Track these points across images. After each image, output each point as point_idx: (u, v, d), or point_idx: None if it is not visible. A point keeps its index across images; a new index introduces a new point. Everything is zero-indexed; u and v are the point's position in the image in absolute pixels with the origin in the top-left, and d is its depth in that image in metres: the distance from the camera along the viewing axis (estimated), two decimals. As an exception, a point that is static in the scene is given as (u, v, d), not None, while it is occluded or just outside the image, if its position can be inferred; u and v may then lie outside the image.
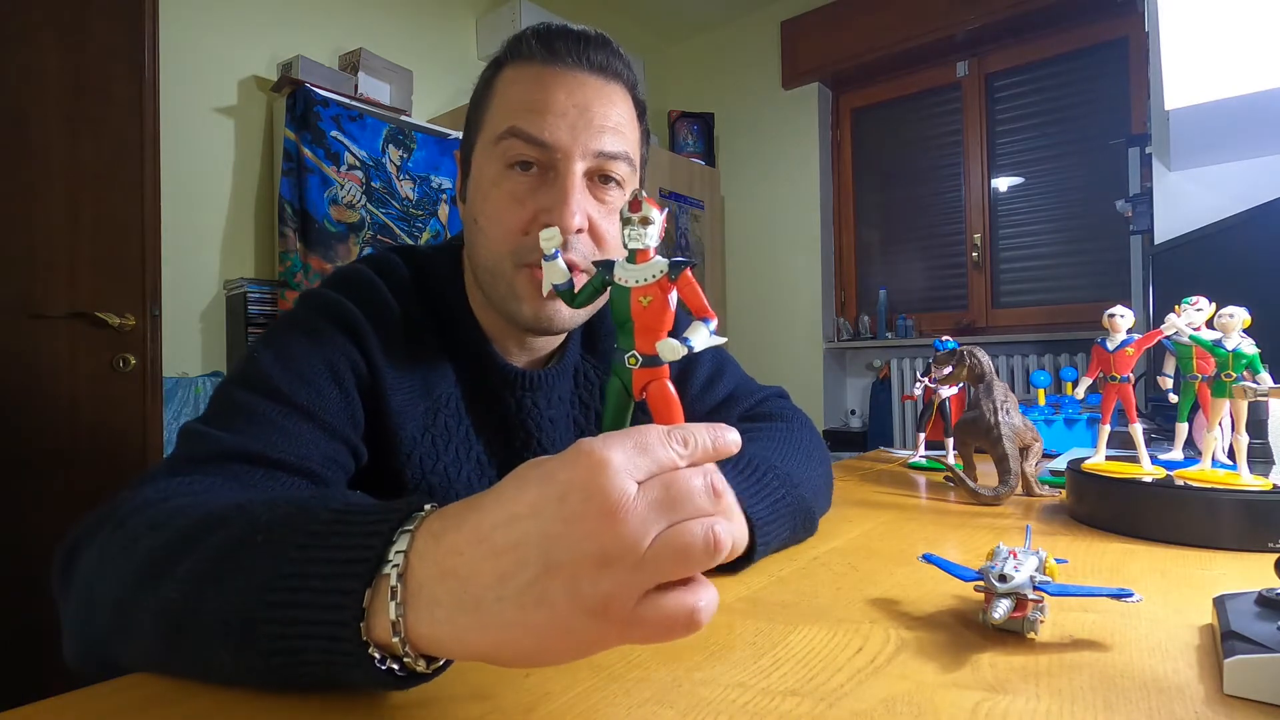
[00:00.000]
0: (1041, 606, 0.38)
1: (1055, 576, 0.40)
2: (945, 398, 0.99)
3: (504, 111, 0.59)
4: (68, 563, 0.44)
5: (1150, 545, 0.58)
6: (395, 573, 0.28)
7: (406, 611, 0.28)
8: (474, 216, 0.61)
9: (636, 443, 0.28)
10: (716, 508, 0.28)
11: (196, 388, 2.11)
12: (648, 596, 0.27)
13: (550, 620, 0.27)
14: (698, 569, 0.27)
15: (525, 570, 0.27)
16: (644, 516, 0.26)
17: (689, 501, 0.27)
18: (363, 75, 2.44)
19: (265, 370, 0.55)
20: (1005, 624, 0.38)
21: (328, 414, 0.56)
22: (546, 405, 0.68)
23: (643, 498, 0.27)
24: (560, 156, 0.57)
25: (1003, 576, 0.38)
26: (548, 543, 0.27)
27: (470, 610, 0.27)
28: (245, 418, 0.53)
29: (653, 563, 0.26)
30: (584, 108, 0.58)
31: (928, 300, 3.33)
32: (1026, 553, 0.40)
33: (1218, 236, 1.34)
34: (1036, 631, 0.38)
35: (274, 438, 0.52)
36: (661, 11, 3.65)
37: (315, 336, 0.58)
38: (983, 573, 0.39)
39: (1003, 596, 0.37)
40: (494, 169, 0.59)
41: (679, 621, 0.27)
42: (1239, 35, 1.20)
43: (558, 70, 0.59)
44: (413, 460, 0.61)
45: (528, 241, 0.58)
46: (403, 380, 0.61)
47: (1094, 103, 2.89)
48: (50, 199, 1.43)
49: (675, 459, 0.28)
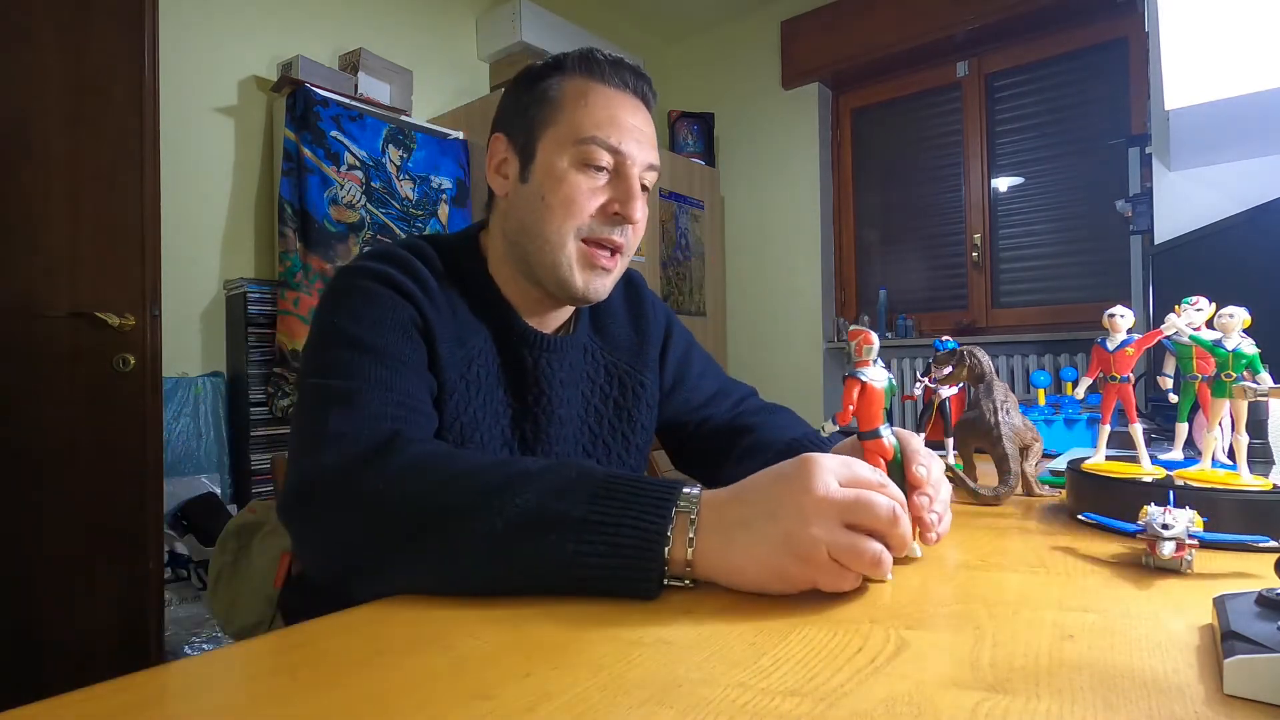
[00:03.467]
0: (1192, 550, 0.49)
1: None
2: (945, 398, 0.99)
3: (586, 121, 0.70)
4: (329, 492, 0.52)
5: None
6: (694, 509, 0.46)
7: (697, 534, 0.46)
8: (542, 195, 0.71)
9: (845, 461, 0.47)
10: (891, 529, 0.44)
11: (196, 388, 2.11)
12: (833, 561, 0.43)
13: (768, 554, 0.44)
14: (864, 569, 0.44)
15: (758, 517, 0.45)
16: (838, 503, 0.44)
17: (871, 511, 0.44)
18: (363, 75, 2.44)
19: (351, 332, 0.63)
20: (1167, 563, 0.49)
21: (414, 363, 0.65)
22: (560, 367, 0.78)
23: (839, 491, 0.44)
24: (629, 164, 0.71)
25: (1165, 525, 0.49)
26: (774, 503, 0.45)
27: (723, 534, 0.45)
28: (361, 375, 0.60)
29: (838, 540, 0.43)
30: (641, 129, 0.73)
31: (928, 300, 3.33)
32: (1178, 510, 0.50)
33: (1218, 236, 1.34)
34: (1191, 568, 0.49)
35: (395, 389, 0.61)
36: (661, 11, 3.65)
37: (374, 298, 0.66)
38: (1146, 525, 0.50)
39: (1166, 541, 0.48)
40: (572, 163, 0.70)
41: (848, 581, 0.44)
42: (1239, 35, 1.20)
43: (624, 95, 0.73)
44: (451, 401, 0.69)
45: (593, 221, 0.71)
46: (446, 333, 0.69)
47: (1094, 103, 2.89)
48: (50, 199, 1.43)
49: (873, 480, 0.46)
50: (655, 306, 0.92)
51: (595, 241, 0.72)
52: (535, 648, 0.38)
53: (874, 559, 0.43)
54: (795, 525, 0.43)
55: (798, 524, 0.43)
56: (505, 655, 0.37)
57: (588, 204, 0.70)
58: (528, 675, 0.34)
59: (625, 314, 0.88)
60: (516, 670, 0.35)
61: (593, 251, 0.72)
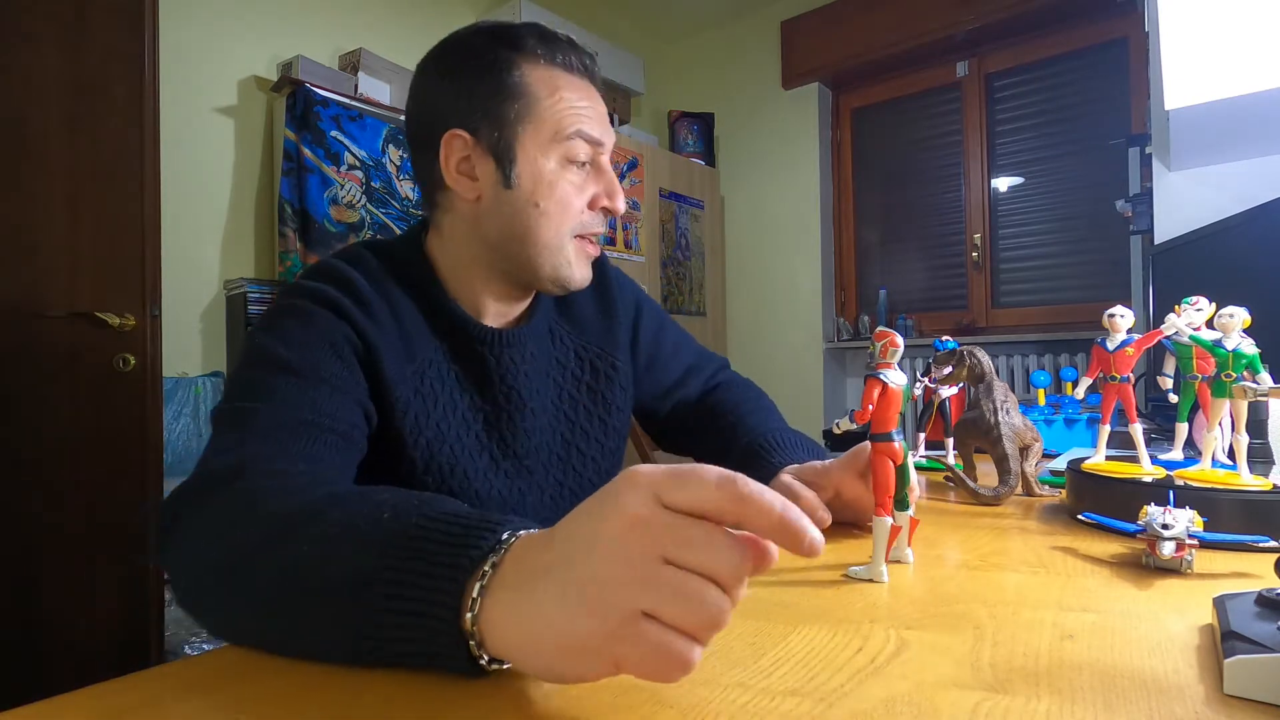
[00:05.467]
0: (1192, 550, 0.49)
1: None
2: (945, 398, 0.99)
3: (567, 116, 0.68)
4: (172, 525, 0.48)
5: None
6: (492, 563, 0.33)
7: (485, 592, 0.32)
8: (535, 201, 0.69)
9: (677, 471, 0.30)
10: (732, 573, 0.29)
11: (196, 388, 2.11)
12: (650, 620, 0.28)
13: (561, 616, 0.29)
14: (693, 626, 0.28)
15: (558, 562, 0.31)
16: (652, 530, 0.29)
17: (702, 544, 0.29)
18: (363, 75, 2.44)
19: (273, 352, 0.60)
20: (1167, 562, 0.49)
21: (339, 382, 0.61)
22: (522, 359, 0.75)
23: (659, 515, 0.29)
24: (604, 152, 0.71)
25: (1165, 525, 0.49)
26: (575, 540, 0.31)
27: (517, 589, 0.31)
28: (268, 392, 0.57)
29: (651, 587, 0.28)
30: (604, 112, 0.72)
31: (928, 300, 3.33)
32: (1178, 510, 0.50)
33: (1218, 236, 1.34)
34: (1191, 568, 0.49)
35: (302, 406, 0.57)
36: (661, 11, 3.65)
37: (308, 318, 0.63)
38: (1146, 525, 0.50)
39: (1166, 541, 0.48)
40: (558, 162, 0.69)
41: (671, 656, 0.28)
42: (1239, 35, 1.20)
43: (586, 80, 0.71)
44: (409, 418, 0.67)
45: (584, 218, 0.71)
46: (390, 349, 0.66)
47: (1094, 103, 2.89)
48: (50, 199, 1.42)
49: (713, 495, 0.29)
50: (621, 285, 0.89)
51: (587, 236, 0.72)
52: (535, 648, 0.38)
53: (710, 614, 0.28)
54: (593, 566, 0.29)
55: (596, 564, 0.29)
56: (505, 655, 0.37)
57: (580, 202, 0.70)
58: (528, 675, 0.34)
59: (590, 293, 0.84)
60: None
61: (589, 246, 0.72)
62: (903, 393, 0.52)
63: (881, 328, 0.56)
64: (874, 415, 0.51)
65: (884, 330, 0.52)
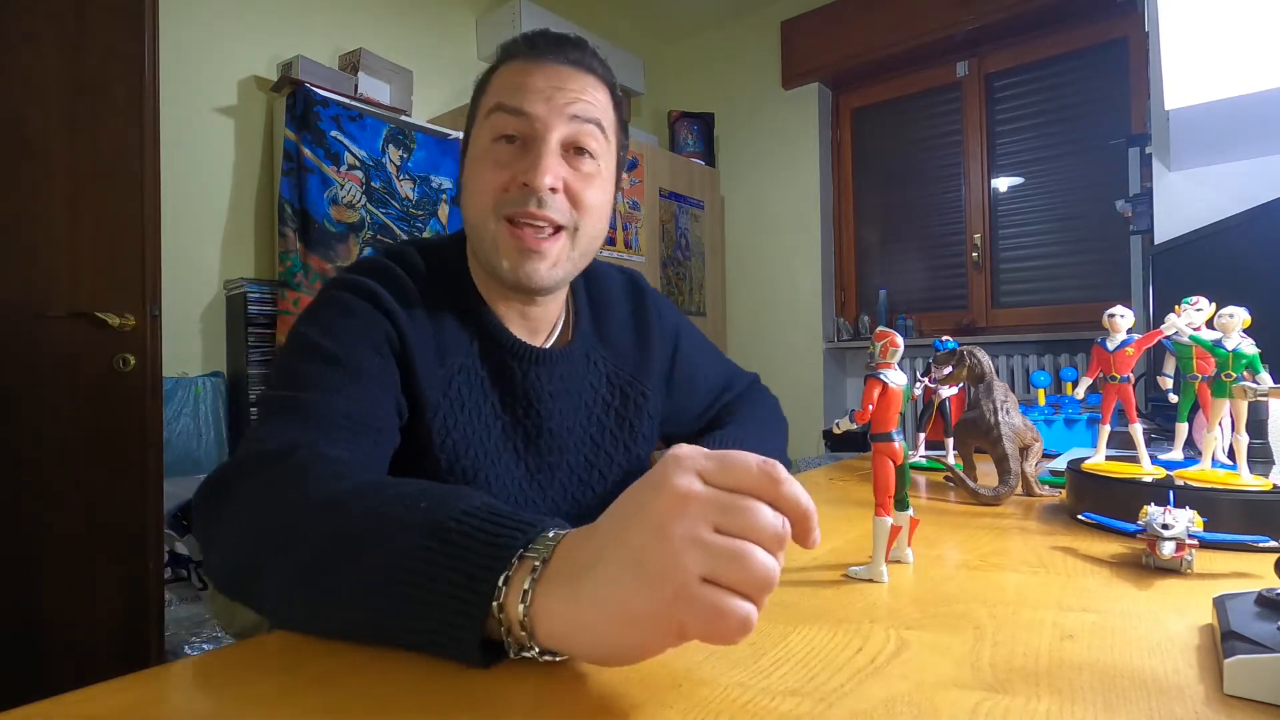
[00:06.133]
0: (1192, 550, 0.49)
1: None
2: (945, 398, 0.99)
3: (493, 94, 0.68)
4: (220, 495, 0.50)
5: (1150, 545, 0.58)
6: (540, 557, 0.34)
7: (536, 586, 0.33)
8: (465, 182, 0.70)
9: (718, 456, 0.32)
10: (775, 541, 0.31)
11: (196, 388, 2.11)
12: (707, 584, 0.30)
13: (616, 593, 0.31)
14: (748, 584, 0.30)
15: (608, 546, 0.32)
16: (701, 499, 0.31)
17: (748, 514, 0.31)
18: (363, 75, 2.44)
19: (317, 342, 0.61)
20: (1167, 562, 0.49)
21: (378, 376, 0.62)
22: (549, 380, 0.74)
23: (707, 494, 0.31)
24: (539, 126, 0.65)
25: (1165, 525, 0.49)
26: (623, 521, 0.32)
27: (570, 583, 0.32)
28: (313, 383, 0.58)
29: (705, 551, 0.30)
30: (560, 86, 0.66)
31: (928, 300, 3.33)
32: (1178, 510, 0.50)
33: (1218, 236, 1.34)
34: (1191, 568, 0.49)
35: (346, 399, 0.58)
36: (661, 11, 3.65)
37: (350, 312, 0.64)
38: (1146, 525, 0.50)
39: (1166, 541, 0.48)
40: (483, 142, 0.67)
41: (732, 613, 0.29)
42: (1239, 35, 1.20)
43: (541, 63, 0.67)
44: (437, 419, 0.68)
45: (506, 197, 0.65)
46: (423, 349, 0.67)
47: (1094, 103, 2.89)
48: (50, 199, 1.42)
49: (755, 473, 0.31)
50: (662, 314, 0.88)
51: (516, 219, 0.65)
52: (535, 648, 0.38)
53: (762, 572, 0.30)
54: (646, 539, 0.30)
55: (648, 537, 0.30)
56: (505, 655, 0.37)
57: (498, 178, 0.65)
58: (528, 676, 0.34)
59: (628, 319, 0.84)
60: (517, 671, 0.35)
61: (518, 232, 0.65)
62: (903, 393, 0.52)
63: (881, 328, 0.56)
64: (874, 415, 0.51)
65: (884, 330, 0.52)
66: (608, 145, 0.70)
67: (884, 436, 0.51)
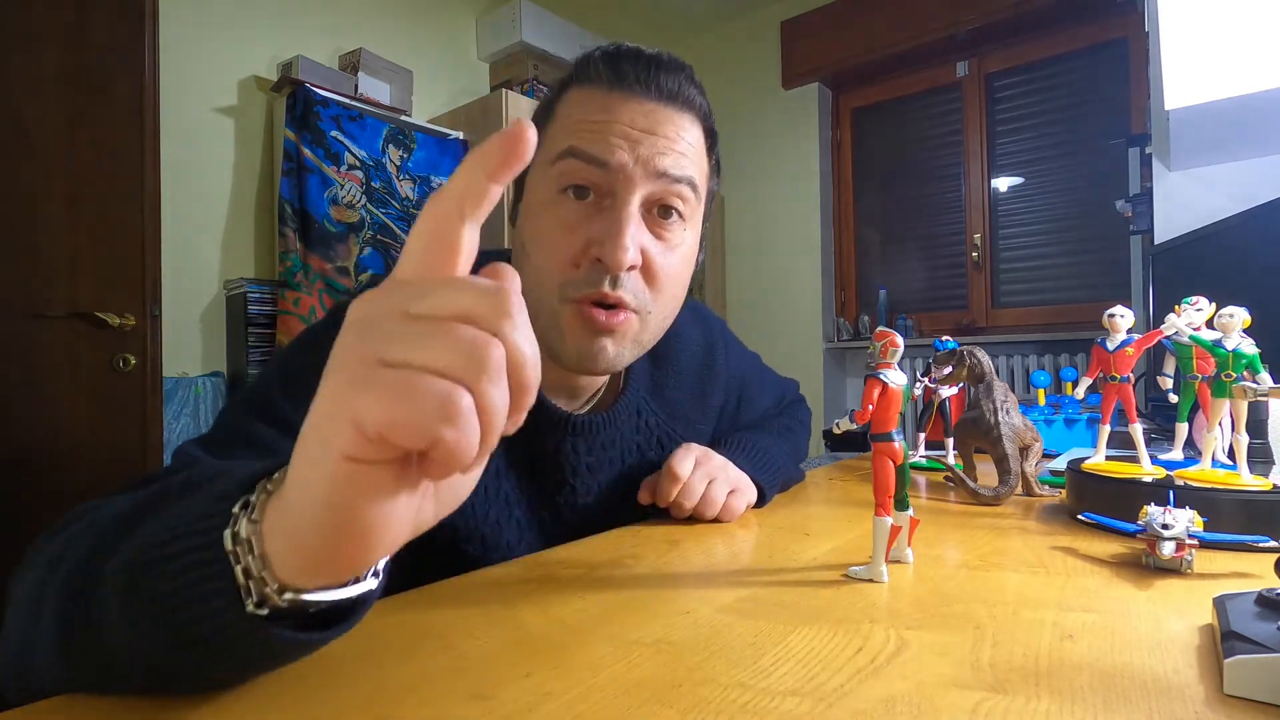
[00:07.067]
0: (1192, 550, 0.49)
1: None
2: (945, 398, 0.99)
3: (564, 132, 0.56)
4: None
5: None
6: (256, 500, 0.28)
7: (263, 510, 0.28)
8: (523, 241, 0.58)
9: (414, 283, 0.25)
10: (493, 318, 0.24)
11: (196, 388, 2.11)
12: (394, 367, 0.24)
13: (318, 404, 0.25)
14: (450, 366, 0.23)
15: (315, 420, 0.26)
16: (388, 299, 0.25)
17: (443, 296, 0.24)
18: (363, 75, 2.44)
19: (270, 395, 0.51)
20: (1167, 563, 0.49)
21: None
22: (587, 451, 0.65)
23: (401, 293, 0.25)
24: (621, 180, 0.54)
25: (1165, 525, 0.49)
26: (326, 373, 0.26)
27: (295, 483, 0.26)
28: (244, 443, 0.49)
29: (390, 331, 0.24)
30: (649, 131, 0.55)
31: (928, 300, 3.33)
32: (1178, 510, 0.50)
33: (1218, 236, 1.34)
34: (1191, 568, 0.49)
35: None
36: (661, 11, 3.65)
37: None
38: (1146, 525, 0.50)
39: (1166, 541, 0.48)
40: (548, 192, 0.56)
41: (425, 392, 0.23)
42: (1239, 35, 1.20)
43: (625, 95, 0.56)
44: None
45: (577, 275, 0.54)
46: None
47: (1094, 103, 2.89)
48: (50, 199, 1.43)
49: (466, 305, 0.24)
50: (730, 363, 0.79)
51: (582, 300, 0.54)
52: (535, 648, 0.38)
53: (469, 347, 0.23)
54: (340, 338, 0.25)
55: (341, 334, 0.25)
56: (505, 655, 0.37)
57: (566, 248, 0.54)
58: (528, 675, 0.34)
59: (694, 374, 0.74)
60: (516, 670, 0.35)
61: (587, 310, 0.54)
62: (903, 393, 0.52)
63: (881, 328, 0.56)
64: (874, 415, 0.51)
65: (884, 330, 0.52)
66: (697, 205, 0.60)
67: (884, 436, 0.51)
